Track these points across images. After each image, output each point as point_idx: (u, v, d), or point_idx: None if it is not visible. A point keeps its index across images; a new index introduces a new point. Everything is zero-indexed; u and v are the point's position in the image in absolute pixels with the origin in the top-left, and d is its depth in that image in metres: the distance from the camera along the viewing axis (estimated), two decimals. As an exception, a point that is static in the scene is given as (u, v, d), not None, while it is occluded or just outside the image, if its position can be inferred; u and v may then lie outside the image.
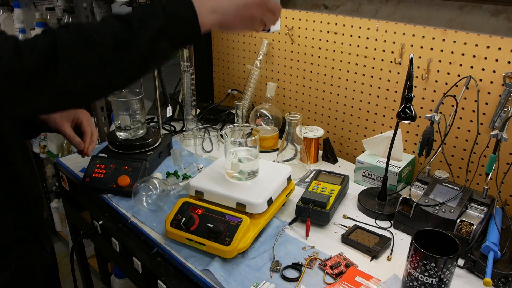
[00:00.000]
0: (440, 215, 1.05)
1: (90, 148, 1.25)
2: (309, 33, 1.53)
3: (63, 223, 2.58)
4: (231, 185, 1.12)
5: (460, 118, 1.23)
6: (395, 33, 1.30)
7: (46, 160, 2.43)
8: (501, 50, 1.11)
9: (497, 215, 1.04)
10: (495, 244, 0.95)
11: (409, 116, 1.09)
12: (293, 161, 1.38)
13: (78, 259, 1.75)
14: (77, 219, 1.57)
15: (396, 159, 1.32)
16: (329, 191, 1.18)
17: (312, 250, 1.05)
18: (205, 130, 1.64)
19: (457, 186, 1.12)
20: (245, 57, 1.82)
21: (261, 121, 1.59)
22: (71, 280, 1.42)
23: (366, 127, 1.49)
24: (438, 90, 1.26)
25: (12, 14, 2.24)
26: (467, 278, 0.97)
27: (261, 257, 1.02)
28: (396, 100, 1.37)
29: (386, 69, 1.36)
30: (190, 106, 1.61)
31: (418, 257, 0.85)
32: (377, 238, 1.08)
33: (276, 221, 1.15)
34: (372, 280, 0.94)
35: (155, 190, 1.17)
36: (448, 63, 1.22)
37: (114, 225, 1.22)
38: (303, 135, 1.41)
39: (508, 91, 1.11)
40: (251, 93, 1.71)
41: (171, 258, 1.04)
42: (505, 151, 1.16)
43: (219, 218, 1.03)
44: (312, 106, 1.63)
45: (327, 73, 1.54)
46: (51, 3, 2.04)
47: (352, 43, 1.42)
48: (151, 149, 1.38)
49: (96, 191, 1.30)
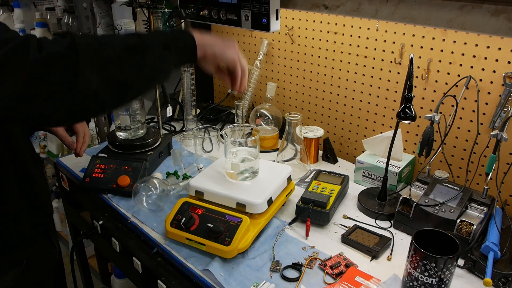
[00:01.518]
0: (440, 215, 1.05)
1: (83, 149, 1.28)
2: (309, 33, 1.53)
3: (63, 223, 2.58)
4: (231, 185, 1.12)
5: (460, 118, 1.23)
6: (395, 33, 1.30)
7: (46, 160, 2.43)
8: (501, 50, 1.11)
9: (497, 215, 1.04)
10: (495, 244, 0.95)
11: (409, 116, 1.09)
12: (293, 161, 1.38)
13: (78, 259, 1.76)
14: (77, 219, 1.57)
15: (396, 159, 1.32)
16: (329, 191, 1.18)
17: (312, 250, 1.05)
18: (205, 130, 1.64)
19: (457, 186, 1.12)
20: (245, 57, 1.82)
21: (261, 121, 1.59)
22: (71, 280, 1.42)
23: (366, 127, 1.49)
24: (438, 90, 1.26)
25: (12, 14, 2.24)
26: (467, 278, 0.97)
27: (261, 257, 1.02)
28: (396, 100, 1.37)
29: (386, 69, 1.36)
30: (190, 106, 1.61)
31: (418, 257, 0.85)
32: (377, 238, 1.08)
33: (276, 221, 1.15)
34: (372, 280, 0.94)
35: (155, 190, 1.17)
36: (448, 63, 1.22)
37: (114, 225, 1.22)
38: (303, 135, 1.41)
39: (508, 91, 1.11)
40: (251, 93, 1.71)
41: (171, 258, 1.04)
42: (505, 151, 1.16)
43: (219, 218, 1.03)
44: (312, 106, 1.63)
45: (327, 73, 1.54)
46: (51, 3, 2.04)
47: (352, 43, 1.42)
48: (151, 149, 1.38)
49: (96, 191, 1.30)
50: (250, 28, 1.24)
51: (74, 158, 1.52)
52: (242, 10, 1.23)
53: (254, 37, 1.75)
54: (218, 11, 1.30)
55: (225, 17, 1.29)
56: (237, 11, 1.24)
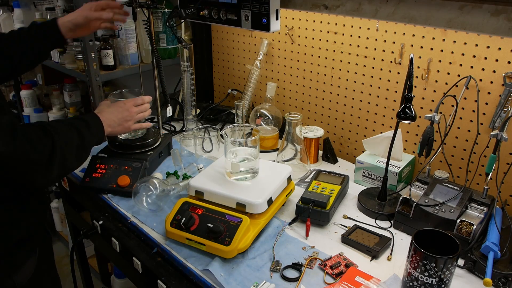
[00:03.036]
0: (440, 215, 1.05)
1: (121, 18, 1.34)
2: (309, 33, 1.53)
3: (63, 223, 2.58)
4: (231, 185, 1.12)
5: (460, 118, 1.23)
6: (395, 33, 1.30)
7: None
8: (501, 50, 1.11)
9: (497, 215, 1.04)
10: (495, 244, 0.95)
11: (409, 116, 1.09)
12: (293, 161, 1.38)
13: (78, 259, 1.75)
14: (77, 219, 1.57)
15: (396, 159, 1.32)
16: (329, 191, 1.18)
17: (312, 250, 1.05)
18: (205, 130, 1.64)
19: (457, 186, 1.12)
20: (245, 57, 1.82)
21: (261, 121, 1.59)
22: (71, 280, 1.42)
23: (366, 127, 1.49)
24: (438, 90, 1.26)
25: (12, 14, 2.24)
26: (467, 278, 0.97)
27: (261, 257, 1.02)
28: (396, 100, 1.37)
29: (386, 69, 1.36)
30: (190, 106, 1.61)
31: (418, 257, 0.85)
32: (377, 238, 1.08)
33: (276, 221, 1.15)
34: (372, 280, 0.94)
35: (155, 190, 1.17)
36: (448, 63, 1.22)
37: (114, 225, 1.22)
38: (303, 135, 1.41)
39: (508, 91, 1.11)
40: (251, 93, 1.71)
41: (171, 258, 1.04)
42: (505, 151, 1.16)
43: (219, 218, 1.03)
44: (312, 106, 1.63)
45: (327, 73, 1.54)
46: (51, 3, 2.04)
47: (352, 43, 1.42)
48: (151, 149, 1.38)
49: (96, 191, 1.30)
50: (250, 28, 1.24)
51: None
52: (242, 10, 1.23)
53: (254, 37, 1.75)
54: (218, 11, 1.30)
55: (225, 17, 1.29)
56: (237, 11, 1.24)
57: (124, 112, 1.24)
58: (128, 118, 1.25)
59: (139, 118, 1.28)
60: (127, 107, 1.25)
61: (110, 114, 1.22)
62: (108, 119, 1.20)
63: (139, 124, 1.30)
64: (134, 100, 1.28)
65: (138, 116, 1.28)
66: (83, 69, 1.73)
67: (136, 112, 1.27)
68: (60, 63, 1.93)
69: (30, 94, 2.50)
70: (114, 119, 1.22)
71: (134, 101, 1.28)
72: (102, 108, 1.25)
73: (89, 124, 1.13)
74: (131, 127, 1.26)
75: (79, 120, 1.12)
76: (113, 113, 1.22)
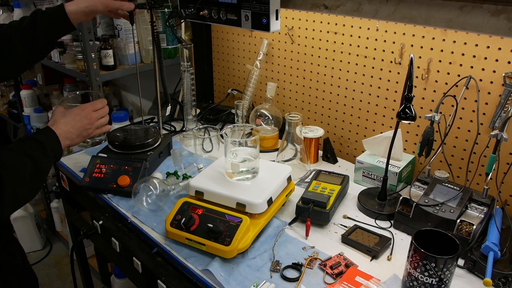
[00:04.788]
0: (440, 215, 1.05)
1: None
2: (309, 33, 1.53)
3: (63, 223, 2.58)
4: (231, 185, 1.12)
5: (460, 118, 1.23)
6: (395, 33, 1.30)
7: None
8: (501, 50, 1.11)
9: (497, 215, 1.04)
10: (495, 244, 0.95)
11: (409, 116, 1.09)
12: (293, 161, 1.38)
13: (78, 259, 1.75)
14: (77, 219, 1.57)
15: (396, 159, 1.32)
16: (329, 191, 1.18)
17: (312, 250, 1.05)
18: (205, 130, 1.64)
19: (457, 186, 1.12)
20: (245, 57, 1.82)
21: (261, 121, 1.59)
22: (71, 280, 1.42)
23: (366, 127, 1.49)
24: (438, 90, 1.26)
25: (12, 14, 2.24)
26: (467, 278, 0.97)
27: (261, 257, 1.02)
28: (396, 100, 1.37)
29: (386, 69, 1.36)
30: (190, 106, 1.61)
31: (418, 257, 0.85)
32: (377, 238, 1.08)
33: (276, 221, 1.15)
34: (372, 280, 0.94)
35: (155, 190, 1.17)
36: (448, 63, 1.22)
37: (114, 225, 1.22)
38: (303, 135, 1.41)
39: (508, 91, 1.11)
40: (251, 93, 1.71)
41: (171, 258, 1.04)
42: (505, 151, 1.16)
43: (219, 218, 1.03)
44: (312, 106, 1.63)
45: (327, 73, 1.54)
46: (51, 3, 2.04)
47: (352, 43, 1.42)
48: (151, 149, 1.38)
49: (96, 191, 1.30)
50: (250, 28, 1.24)
51: (74, 158, 1.52)
52: (242, 10, 1.23)
53: (254, 37, 1.75)
54: (218, 11, 1.30)
55: (225, 17, 1.29)
56: (237, 11, 1.25)
57: (83, 120, 1.13)
58: (87, 127, 1.14)
59: (99, 125, 1.18)
60: (86, 113, 1.14)
61: (67, 125, 1.10)
62: (65, 131, 1.09)
63: (100, 129, 1.19)
64: (92, 105, 1.17)
65: (98, 122, 1.17)
66: (83, 69, 1.73)
67: (96, 118, 1.17)
68: (60, 63, 1.93)
69: (30, 94, 2.50)
70: (71, 130, 1.10)
71: (93, 106, 1.17)
72: (57, 118, 1.11)
73: (43, 145, 1.02)
74: (91, 134, 1.16)
75: (31, 142, 1.01)
76: (70, 123, 1.11)
